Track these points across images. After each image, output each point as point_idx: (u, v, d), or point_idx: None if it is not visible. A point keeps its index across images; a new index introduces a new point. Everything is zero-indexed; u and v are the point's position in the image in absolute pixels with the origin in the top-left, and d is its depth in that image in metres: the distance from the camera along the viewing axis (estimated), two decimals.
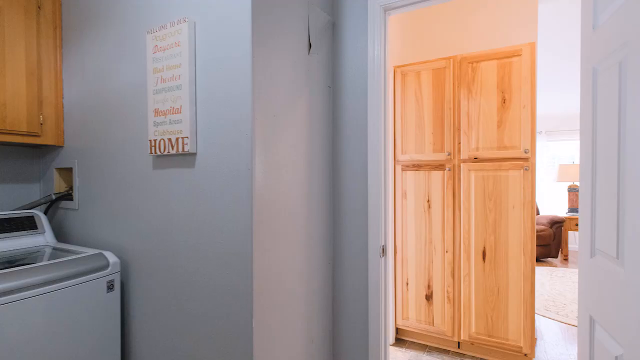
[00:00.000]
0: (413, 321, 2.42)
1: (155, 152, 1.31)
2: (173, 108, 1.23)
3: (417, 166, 2.39)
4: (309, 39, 1.39)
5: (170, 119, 1.25)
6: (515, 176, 2.09)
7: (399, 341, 2.49)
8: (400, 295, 2.47)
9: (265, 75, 1.19)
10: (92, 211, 1.68)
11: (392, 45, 2.50)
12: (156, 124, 1.29)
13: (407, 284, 2.43)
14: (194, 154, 1.25)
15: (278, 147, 1.26)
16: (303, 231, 1.43)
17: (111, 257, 1.47)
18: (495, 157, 2.15)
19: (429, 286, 2.36)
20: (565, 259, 4.91)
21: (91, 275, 1.38)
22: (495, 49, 2.15)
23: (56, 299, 1.27)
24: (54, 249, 1.63)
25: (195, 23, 1.21)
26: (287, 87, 1.30)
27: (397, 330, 2.53)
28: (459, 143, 2.26)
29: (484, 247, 2.18)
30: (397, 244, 2.46)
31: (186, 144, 1.22)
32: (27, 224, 1.66)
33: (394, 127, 2.46)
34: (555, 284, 3.84)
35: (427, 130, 2.35)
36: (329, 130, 1.62)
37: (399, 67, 2.43)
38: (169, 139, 1.26)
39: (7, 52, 1.58)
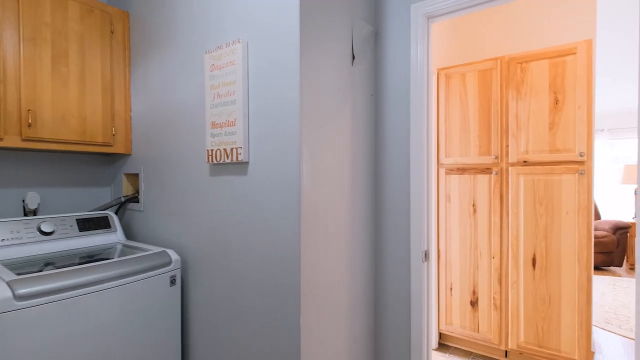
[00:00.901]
0: (457, 327, 2.38)
1: (212, 161, 1.44)
2: (228, 121, 1.35)
3: (461, 170, 2.34)
4: (353, 51, 1.45)
5: (225, 131, 1.37)
6: (569, 180, 1.99)
7: (442, 346, 2.47)
8: (443, 300, 2.44)
9: (312, 89, 1.26)
10: (155, 212, 1.87)
11: (435, 48, 2.47)
12: (213, 135, 1.42)
13: (451, 289, 2.40)
14: (247, 163, 1.36)
15: (323, 155, 1.33)
16: (346, 235, 1.49)
17: (173, 255, 1.63)
18: (546, 161, 2.06)
19: (474, 292, 2.31)
20: (632, 268, 4.50)
21: (157, 270, 1.55)
22: (546, 48, 2.05)
23: (127, 290, 1.44)
24: (124, 245, 1.84)
25: (247, 43, 1.32)
26: (332, 99, 1.37)
27: (440, 335, 2.50)
28: (507, 146, 2.19)
29: (534, 254, 2.09)
30: (440, 248, 2.44)
31: (240, 153, 1.33)
32: (102, 223, 1.89)
33: (438, 130, 2.43)
34: (619, 295, 3.55)
35: (472, 133, 2.30)
36: (372, 136, 1.67)
37: (442, 69, 2.40)
38: (224, 149, 1.38)
39: (87, 72, 1.81)
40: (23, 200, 1.88)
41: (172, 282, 1.61)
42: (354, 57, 1.45)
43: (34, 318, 1.17)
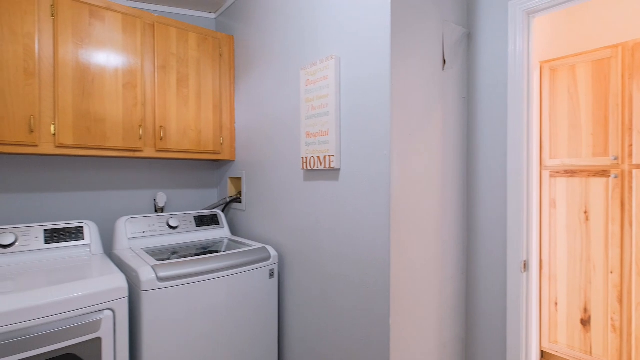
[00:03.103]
0: (563, 346, 2.14)
1: (306, 167, 1.58)
2: (321, 131, 1.46)
3: (570, 172, 2.10)
4: (444, 56, 1.43)
5: (319, 140, 1.48)
6: None
7: None
8: (546, 315, 2.22)
9: (402, 98, 1.29)
10: (255, 212, 2.10)
11: (537, 39, 2.25)
12: (307, 144, 1.55)
13: (556, 304, 2.16)
14: (338, 170, 1.45)
15: (413, 161, 1.35)
16: (436, 240, 1.48)
17: (272, 251, 1.82)
18: None
19: (585, 309, 2.05)
20: None
21: (258, 264, 1.75)
22: None
23: (235, 279, 1.66)
24: (230, 240, 2.10)
25: (340, 58, 1.41)
26: (422, 105, 1.38)
27: (543, 353, 2.27)
28: (630, 145, 1.89)
29: None
30: (542, 258, 2.22)
31: (332, 161, 1.43)
32: (213, 220, 2.20)
33: (540, 129, 2.21)
34: None
35: (584, 131, 2.04)
36: (463, 140, 1.62)
37: (546, 62, 2.17)
38: (318, 157, 1.50)
39: (202, 91, 2.12)
40: (154, 199, 2.29)
41: (271, 275, 1.80)
42: (444, 62, 1.43)
43: (170, 295, 1.45)
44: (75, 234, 1.68)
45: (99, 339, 1.27)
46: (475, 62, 1.58)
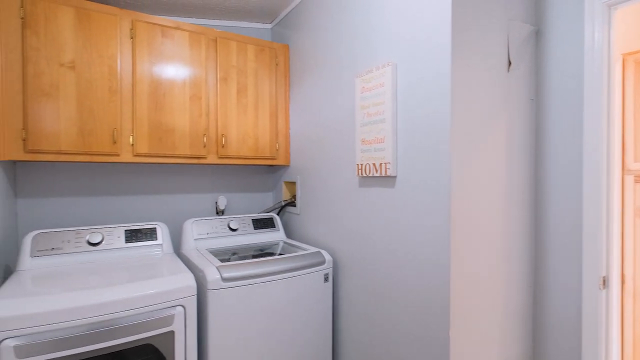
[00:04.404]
0: None
1: (361, 174, 1.58)
2: (377, 138, 1.46)
3: None
4: (509, 57, 1.35)
5: (374, 147, 1.48)
6: None
7: None
8: (630, 336, 1.98)
9: (463, 104, 1.24)
10: (309, 216, 2.15)
11: (619, 31, 2.02)
12: (362, 151, 1.55)
13: None
14: (394, 177, 1.43)
15: (475, 169, 1.29)
16: (500, 251, 1.40)
17: (326, 255, 1.85)
18: None
19: None
20: None
21: (314, 268, 1.78)
22: None
23: (290, 283, 1.71)
24: (285, 243, 2.17)
25: (396, 65, 1.40)
26: (484, 110, 1.31)
27: None
28: None
29: None
30: (625, 273, 1.98)
31: (388, 168, 1.42)
32: (269, 223, 2.28)
33: (623, 129, 1.98)
34: None
35: None
36: (531, 144, 1.51)
37: (630, 54, 1.94)
38: (373, 164, 1.49)
39: (259, 100, 2.22)
40: (216, 202, 2.44)
41: (326, 279, 1.83)
42: (510, 63, 1.35)
43: (232, 294, 1.54)
44: (150, 234, 1.86)
45: (172, 332, 1.39)
46: (545, 61, 1.47)
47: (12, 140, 1.57)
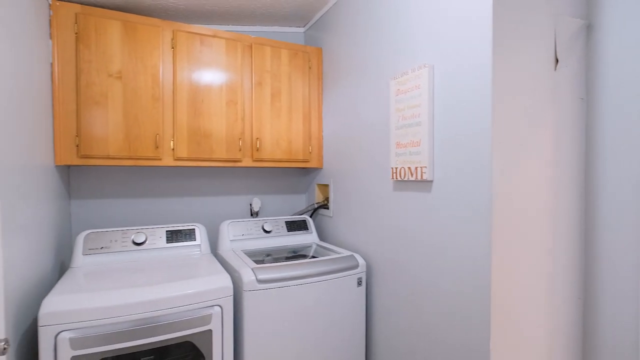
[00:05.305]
0: None
1: (396, 178, 1.55)
2: (413, 141, 1.43)
3: None
4: (556, 54, 1.27)
5: (409, 151, 1.45)
6: None
7: None
8: None
9: (504, 104, 1.19)
10: (342, 219, 2.14)
11: None
12: (397, 155, 1.53)
13: None
14: (431, 181, 1.40)
15: (518, 173, 1.23)
16: (545, 260, 1.32)
17: (359, 259, 1.84)
18: None
19: None
20: None
21: (347, 272, 1.78)
22: None
23: (324, 286, 1.71)
24: (318, 245, 2.18)
25: (433, 67, 1.36)
26: (527, 111, 1.24)
27: None
28: None
29: None
30: None
31: (424, 172, 1.38)
32: (302, 225, 2.30)
33: None
34: None
35: None
36: (581, 147, 1.41)
37: None
38: (409, 168, 1.46)
39: (292, 104, 2.24)
40: (250, 204, 2.50)
41: (359, 283, 1.81)
42: (557, 61, 1.27)
43: (266, 296, 1.56)
44: (189, 235, 1.93)
45: (210, 331, 1.44)
46: (598, 57, 1.37)
47: (67, 146, 1.70)
